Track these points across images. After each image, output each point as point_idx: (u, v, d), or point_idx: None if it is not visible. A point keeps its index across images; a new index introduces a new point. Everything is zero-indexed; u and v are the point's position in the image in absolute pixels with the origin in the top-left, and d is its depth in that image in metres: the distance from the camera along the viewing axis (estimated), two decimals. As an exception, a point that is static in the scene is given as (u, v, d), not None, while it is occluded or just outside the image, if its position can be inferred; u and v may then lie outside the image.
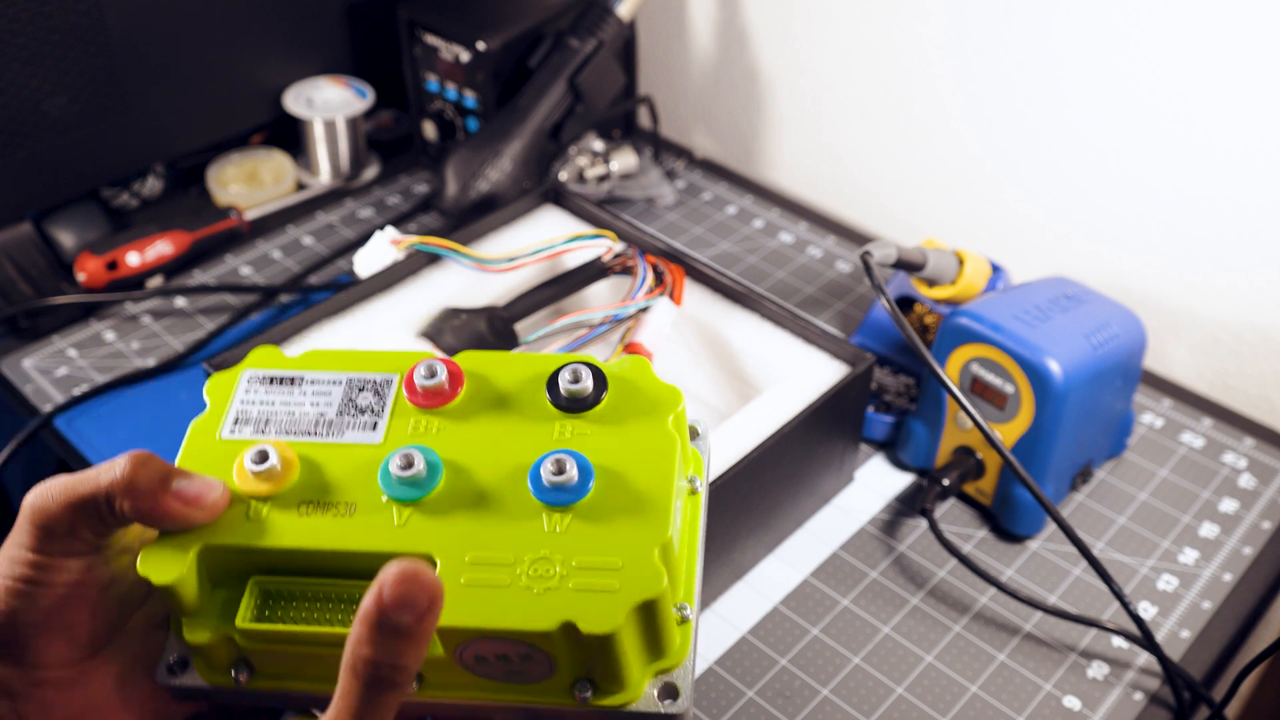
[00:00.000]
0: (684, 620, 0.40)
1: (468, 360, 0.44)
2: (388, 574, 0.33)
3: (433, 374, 0.42)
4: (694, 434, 0.46)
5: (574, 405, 0.42)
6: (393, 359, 0.44)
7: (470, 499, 0.40)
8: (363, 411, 0.42)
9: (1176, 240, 0.86)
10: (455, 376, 0.43)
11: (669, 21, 1.11)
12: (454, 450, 0.41)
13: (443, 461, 0.40)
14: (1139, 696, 0.65)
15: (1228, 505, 0.76)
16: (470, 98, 0.98)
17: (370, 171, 1.06)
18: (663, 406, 0.42)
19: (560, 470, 0.39)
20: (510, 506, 0.39)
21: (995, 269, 0.79)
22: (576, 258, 0.78)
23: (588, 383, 0.42)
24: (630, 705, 0.39)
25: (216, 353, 0.70)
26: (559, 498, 0.39)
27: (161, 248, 0.91)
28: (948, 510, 0.76)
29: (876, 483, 0.78)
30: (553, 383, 0.43)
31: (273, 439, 0.42)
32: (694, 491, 0.44)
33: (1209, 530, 0.75)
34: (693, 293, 0.77)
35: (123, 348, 0.87)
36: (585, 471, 0.39)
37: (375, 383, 0.43)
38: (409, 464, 0.39)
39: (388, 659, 0.33)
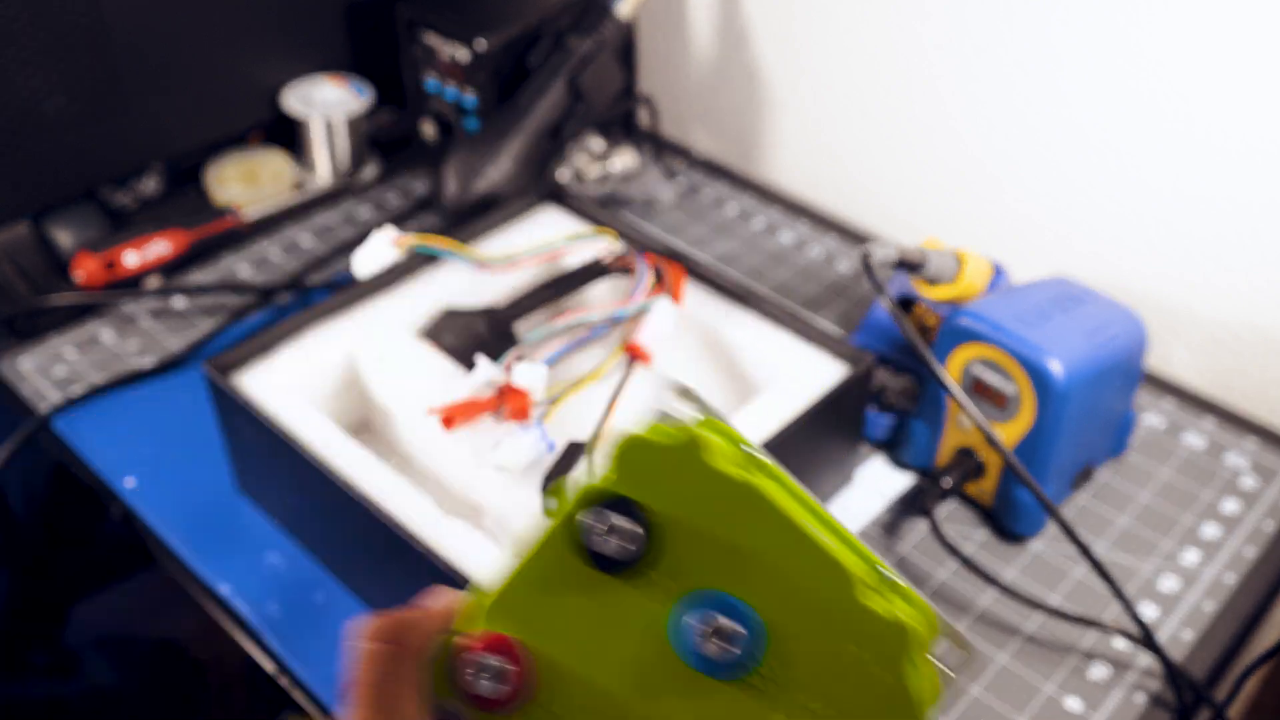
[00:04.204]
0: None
1: (493, 618, 0.32)
2: None
3: (495, 677, 0.32)
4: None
5: (634, 559, 0.32)
6: None
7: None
8: None
9: (1176, 240, 0.85)
10: (518, 663, 0.32)
11: (669, 21, 1.11)
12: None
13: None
14: (1141, 698, 0.65)
15: (1230, 505, 0.76)
16: (470, 97, 0.98)
17: (369, 171, 1.06)
18: (692, 454, 0.32)
19: (719, 632, 0.31)
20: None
21: (996, 269, 0.79)
22: (576, 258, 0.78)
23: (622, 536, 0.32)
24: None
25: (215, 353, 0.70)
26: (740, 662, 0.31)
27: (160, 247, 0.91)
28: (948, 511, 0.76)
29: (877, 483, 0.77)
30: (592, 554, 0.32)
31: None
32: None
33: (1211, 531, 0.74)
34: (693, 293, 0.77)
35: (121, 348, 0.86)
36: (745, 618, 0.31)
37: None
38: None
39: None
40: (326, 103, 1.01)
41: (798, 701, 0.31)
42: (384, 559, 0.63)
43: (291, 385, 0.70)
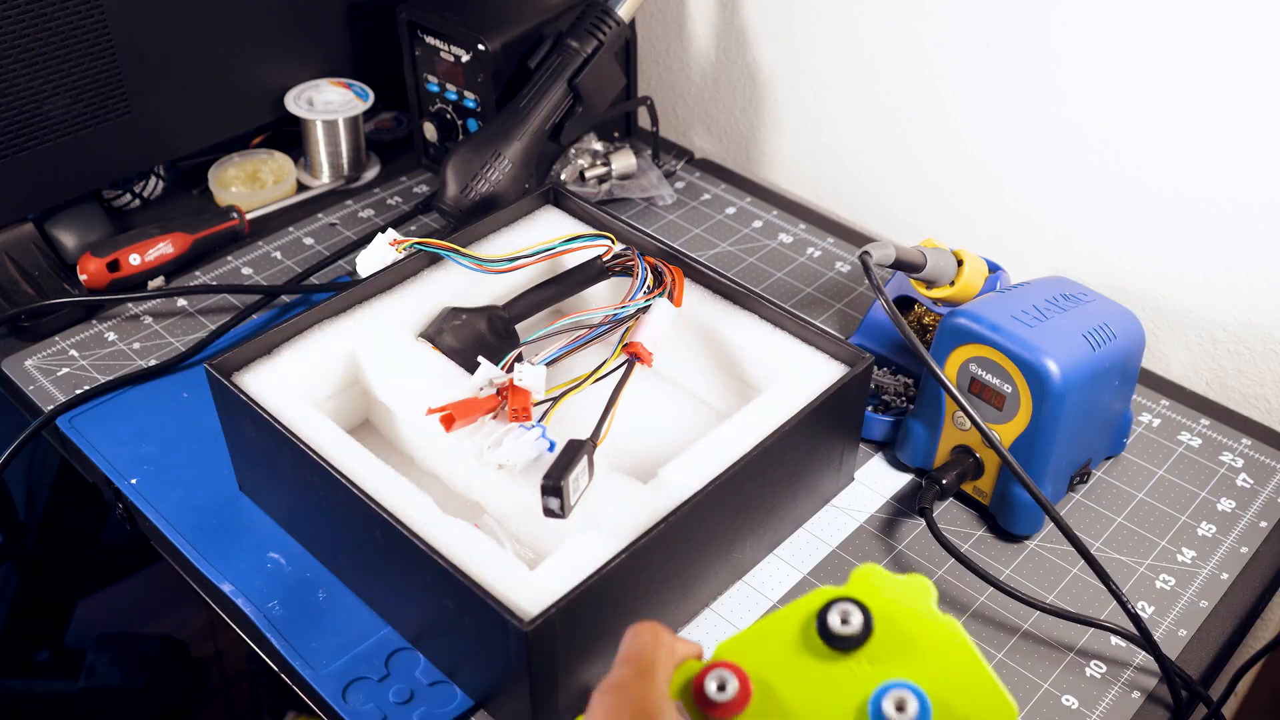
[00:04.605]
0: None
1: (732, 653, 0.45)
2: None
3: (723, 687, 0.44)
4: None
5: (854, 641, 0.44)
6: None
7: None
8: None
9: (1176, 240, 0.86)
10: (744, 684, 0.44)
11: (669, 22, 1.11)
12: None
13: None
14: (1136, 695, 0.65)
15: (1225, 504, 0.76)
16: (470, 98, 0.98)
17: (371, 172, 1.06)
18: (917, 595, 0.44)
19: (901, 707, 0.41)
20: None
21: (993, 269, 0.79)
22: (576, 258, 0.78)
23: (856, 619, 0.44)
24: None
25: (218, 353, 0.70)
26: None
27: (163, 248, 0.91)
28: (946, 510, 0.76)
29: (875, 482, 0.78)
30: (824, 629, 0.44)
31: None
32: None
33: (1206, 529, 0.75)
34: (692, 293, 0.77)
35: (124, 348, 0.87)
36: (924, 703, 0.42)
37: None
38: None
39: None
40: (328, 104, 1.01)
41: None
42: (385, 558, 0.63)
43: (293, 385, 0.70)
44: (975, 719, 0.42)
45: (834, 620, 0.44)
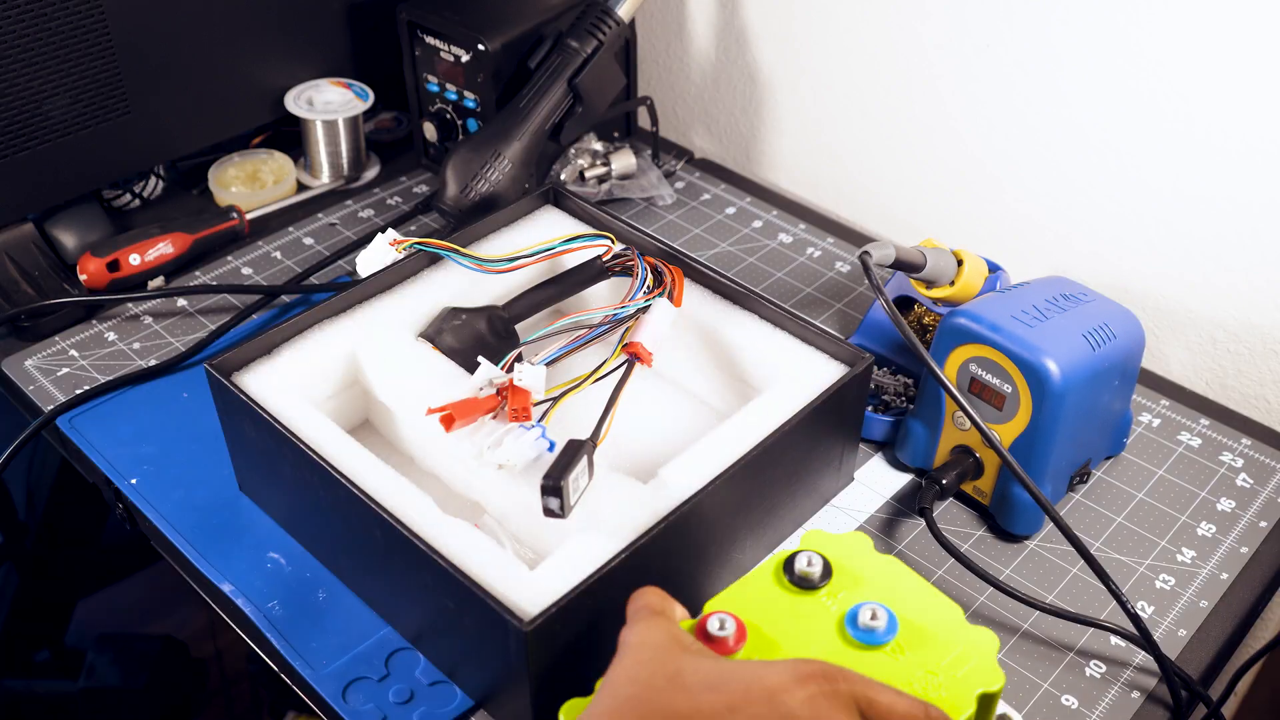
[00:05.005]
0: None
1: (718, 607, 0.55)
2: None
3: (723, 626, 0.53)
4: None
5: (818, 579, 0.56)
6: None
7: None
8: None
9: (1176, 240, 0.86)
10: (740, 624, 0.53)
11: (669, 22, 1.11)
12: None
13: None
14: (1136, 695, 0.65)
15: (1225, 504, 0.76)
16: (470, 98, 0.99)
17: (371, 172, 1.06)
18: (859, 545, 0.58)
19: (875, 617, 0.53)
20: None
21: (993, 269, 0.79)
22: (576, 258, 0.78)
23: (818, 560, 0.56)
24: None
25: (218, 353, 0.70)
26: (882, 638, 0.53)
27: (163, 248, 0.91)
28: (946, 510, 0.76)
29: (875, 482, 0.78)
30: (792, 573, 0.56)
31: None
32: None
33: (1206, 529, 0.75)
34: (692, 293, 0.77)
35: (124, 348, 0.87)
36: (890, 614, 0.54)
37: None
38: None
39: None
40: (328, 105, 1.01)
41: (916, 667, 0.52)
42: (385, 558, 0.63)
43: (293, 385, 0.71)
44: (929, 623, 0.53)
45: (800, 563, 0.55)
